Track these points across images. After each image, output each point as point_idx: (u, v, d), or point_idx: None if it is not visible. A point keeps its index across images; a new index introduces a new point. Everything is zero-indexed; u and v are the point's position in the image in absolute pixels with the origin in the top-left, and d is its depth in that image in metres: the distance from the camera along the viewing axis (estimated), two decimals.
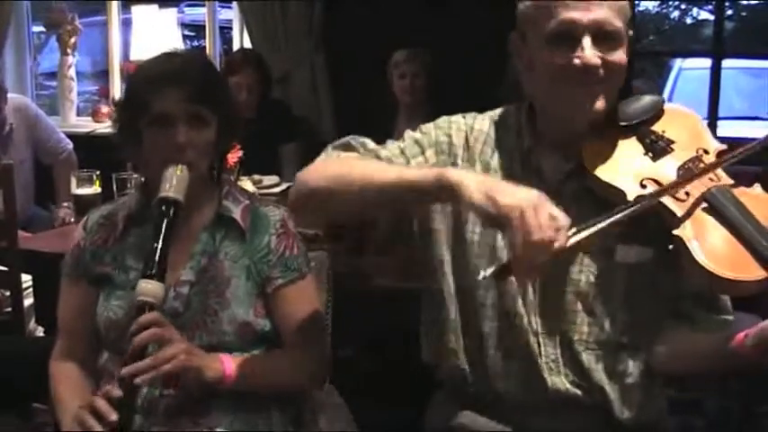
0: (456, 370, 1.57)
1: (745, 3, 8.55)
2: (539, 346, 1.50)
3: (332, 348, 1.83)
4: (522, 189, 1.30)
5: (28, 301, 2.80)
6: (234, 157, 3.06)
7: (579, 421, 1.51)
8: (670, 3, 10.03)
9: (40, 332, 2.87)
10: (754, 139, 1.41)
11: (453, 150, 1.55)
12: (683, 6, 10.01)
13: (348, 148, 1.54)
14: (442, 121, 1.60)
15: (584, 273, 1.48)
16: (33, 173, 3.80)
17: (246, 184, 3.32)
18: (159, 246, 1.53)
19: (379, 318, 2.42)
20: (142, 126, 1.62)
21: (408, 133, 1.59)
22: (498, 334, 1.52)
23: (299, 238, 1.74)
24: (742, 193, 1.41)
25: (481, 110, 1.62)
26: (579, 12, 1.42)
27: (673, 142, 1.49)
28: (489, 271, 1.33)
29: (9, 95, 3.66)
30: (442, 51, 3.88)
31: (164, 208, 1.56)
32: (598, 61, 1.42)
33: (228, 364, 1.59)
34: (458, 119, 1.60)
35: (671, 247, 1.39)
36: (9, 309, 2.74)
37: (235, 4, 4.66)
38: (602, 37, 1.43)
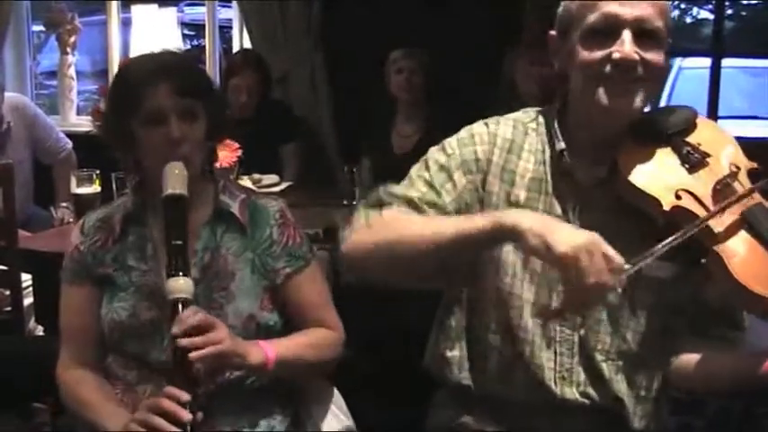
0: (459, 377, 1.57)
1: (745, 2, 8.54)
2: (555, 354, 1.50)
3: None
4: (577, 232, 1.31)
5: (27, 301, 2.80)
6: (233, 156, 3.07)
7: (583, 429, 1.52)
8: (670, 2, 10.02)
9: (39, 331, 2.87)
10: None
11: (480, 167, 1.55)
12: (682, 5, 10.00)
13: (381, 203, 1.53)
14: (466, 135, 1.58)
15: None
16: (32, 172, 3.80)
17: (246, 183, 3.32)
18: (180, 243, 1.54)
19: (379, 318, 2.42)
20: (135, 126, 1.62)
21: (433, 157, 1.57)
22: (502, 345, 1.53)
23: (300, 227, 1.76)
24: None
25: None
26: (623, 7, 1.42)
27: (708, 155, 1.48)
28: (539, 321, 1.41)
29: (7, 94, 3.64)
30: (441, 51, 3.88)
31: (173, 205, 1.57)
32: (637, 57, 1.42)
33: (268, 349, 1.61)
34: (480, 129, 1.58)
35: (703, 261, 1.39)
36: (9, 308, 2.74)
37: (234, 4, 4.65)
38: (643, 35, 1.43)
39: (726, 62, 4.14)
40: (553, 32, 1.52)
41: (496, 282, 1.52)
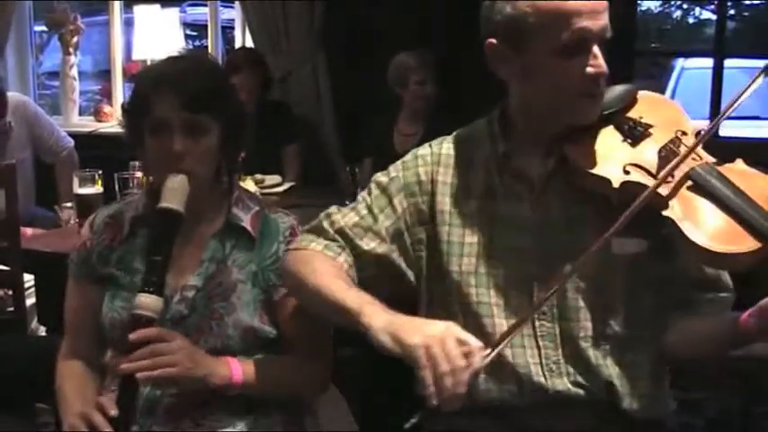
0: None
1: (747, 3, 8.53)
2: (538, 349, 1.50)
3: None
4: (428, 324, 1.33)
5: (30, 301, 2.81)
6: None
7: (582, 419, 1.51)
8: (672, 2, 10.03)
9: (42, 331, 2.87)
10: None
11: (423, 188, 1.58)
12: (684, 6, 10.01)
13: (319, 232, 1.59)
14: (410, 159, 1.61)
15: (583, 270, 1.47)
16: (34, 172, 3.80)
17: (248, 183, 3.33)
18: (159, 259, 1.53)
19: None
20: (145, 130, 1.62)
21: (376, 180, 1.61)
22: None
23: None
24: (726, 169, 1.43)
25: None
26: (591, 20, 1.42)
27: (650, 126, 1.51)
28: (413, 421, 1.36)
29: (8, 94, 3.65)
30: (441, 51, 3.88)
31: (163, 220, 1.56)
32: (606, 69, 1.44)
33: (236, 369, 1.59)
34: (424, 151, 1.61)
35: (663, 231, 1.40)
36: (11, 308, 2.74)
37: (237, 4, 4.66)
38: (601, 43, 1.45)
39: (728, 62, 4.13)
40: (494, 41, 1.48)
41: (461, 295, 1.53)
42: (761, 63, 1.43)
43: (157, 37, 4.65)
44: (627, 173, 1.45)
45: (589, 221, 1.46)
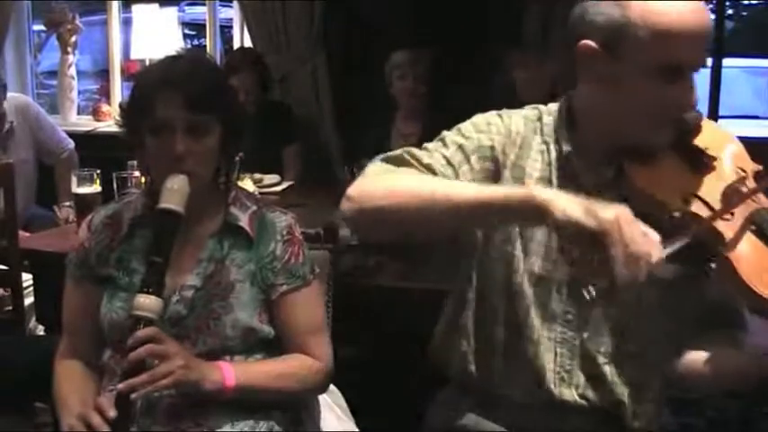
0: (464, 372, 1.57)
1: (746, 2, 8.54)
2: (555, 356, 1.50)
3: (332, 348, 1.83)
4: (614, 205, 1.27)
5: (28, 300, 2.80)
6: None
7: (581, 428, 1.52)
8: None
9: (40, 331, 2.87)
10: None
11: (494, 155, 1.51)
12: None
13: (402, 162, 1.48)
14: (482, 122, 1.54)
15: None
16: (35, 173, 3.80)
17: (247, 183, 3.32)
18: (159, 260, 1.53)
19: (380, 318, 2.42)
20: (144, 131, 1.61)
21: (449, 137, 1.53)
22: (507, 342, 1.52)
23: (305, 245, 1.74)
24: None
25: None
26: (697, 48, 1.39)
27: (714, 159, 1.47)
28: (594, 291, 1.31)
29: (10, 94, 3.65)
30: (442, 51, 3.88)
31: (163, 220, 1.56)
32: (697, 101, 1.41)
33: (229, 374, 1.59)
34: (495, 120, 1.54)
35: (712, 264, 1.38)
36: (9, 308, 2.74)
37: (235, 3, 4.65)
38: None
39: (727, 62, 4.14)
40: (591, 43, 1.42)
41: (505, 277, 1.51)
42: (760, 63, 1.42)
43: (156, 36, 4.65)
44: (686, 202, 1.41)
45: None
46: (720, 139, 1.51)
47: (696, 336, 1.51)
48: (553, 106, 1.57)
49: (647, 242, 1.24)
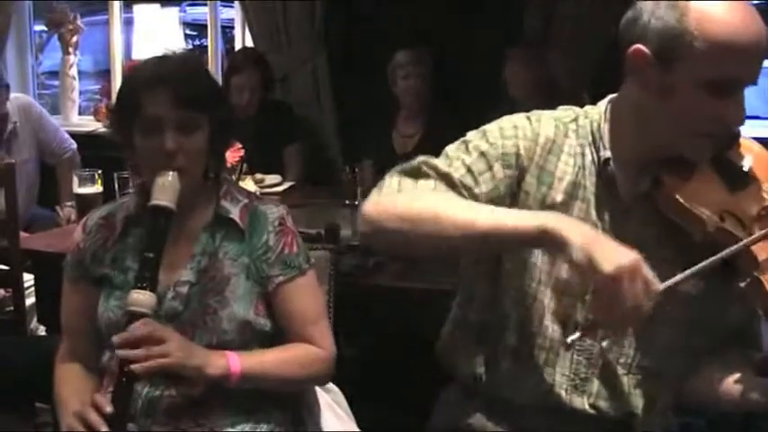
0: (471, 374, 1.57)
1: (745, 2, 8.53)
2: (571, 363, 1.49)
3: None
4: (622, 251, 1.25)
5: (29, 301, 2.81)
6: (235, 156, 3.07)
7: None
8: None
9: (41, 331, 2.88)
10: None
11: (520, 163, 1.47)
12: None
13: (418, 174, 1.45)
14: (508, 126, 1.49)
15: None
16: (39, 174, 3.80)
17: (248, 183, 3.33)
18: (152, 256, 1.53)
19: (380, 318, 2.42)
20: (134, 131, 1.62)
21: (473, 142, 1.49)
22: (517, 347, 1.51)
23: (298, 235, 1.74)
24: None
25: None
26: (752, 65, 1.36)
27: (753, 177, 1.45)
28: (574, 337, 1.35)
29: (12, 95, 3.65)
30: (442, 51, 3.88)
31: (155, 217, 1.56)
32: (745, 119, 1.39)
33: (234, 361, 1.58)
34: (524, 123, 1.50)
35: (742, 284, 1.37)
36: (11, 308, 2.74)
37: (236, 4, 4.65)
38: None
39: None
40: (643, 48, 1.37)
41: (521, 284, 1.49)
42: (763, 63, 1.41)
43: (157, 36, 4.66)
44: (722, 219, 1.39)
45: (661, 253, 1.38)
46: (759, 157, 1.48)
47: (713, 353, 1.50)
48: (591, 108, 1.53)
49: (641, 296, 1.23)
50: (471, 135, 1.51)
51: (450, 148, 1.50)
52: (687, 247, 1.40)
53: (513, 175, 1.47)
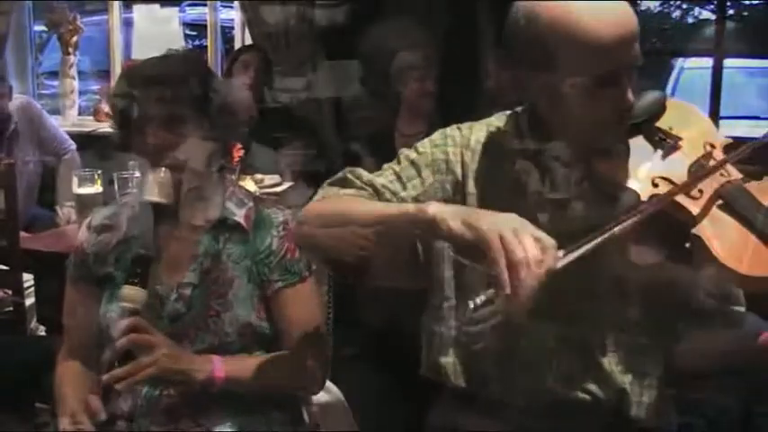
0: (455, 382, 1.56)
1: (746, 2, 8.54)
2: (552, 354, 1.49)
3: (332, 348, 1.84)
4: (501, 214, 1.27)
5: (29, 301, 2.81)
6: (235, 156, 3.07)
7: (586, 425, 1.51)
8: (671, 2, 10.02)
9: (41, 331, 2.88)
10: (756, 139, 1.41)
11: (451, 167, 1.53)
12: (684, 6, 10.00)
13: (344, 183, 1.53)
14: (438, 136, 1.57)
15: (600, 276, 1.46)
16: (38, 173, 3.80)
17: (248, 183, 3.32)
18: (144, 252, 1.56)
19: (379, 318, 2.42)
20: (132, 128, 1.63)
21: (404, 153, 1.57)
22: (496, 348, 1.51)
23: None
24: (753, 186, 1.41)
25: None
26: (624, 54, 1.37)
27: (680, 139, 1.47)
28: (479, 299, 1.30)
29: (13, 95, 3.66)
30: (443, 51, 3.88)
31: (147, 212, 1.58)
32: (632, 101, 1.40)
33: (219, 365, 1.59)
34: (453, 133, 1.57)
35: (688, 245, 1.38)
36: (10, 308, 2.74)
37: (236, 4, 4.65)
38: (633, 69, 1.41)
39: (727, 62, 4.13)
40: (515, 60, 1.45)
41: (461, 285, 1.51)
42: (761, 63, 1.41)
43: (157, 36, 4.65)
44: (655, 185, 1.41)
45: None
46: (687, 119, 1.51)
47: (694, 316, 1.50)
48: (522, 110, 1.57)
49: (533, 248, 1.22)
50: (403, 149, 1.59)
51: (387, 163, 1.58)
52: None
53: (445, 180, 1.53)
